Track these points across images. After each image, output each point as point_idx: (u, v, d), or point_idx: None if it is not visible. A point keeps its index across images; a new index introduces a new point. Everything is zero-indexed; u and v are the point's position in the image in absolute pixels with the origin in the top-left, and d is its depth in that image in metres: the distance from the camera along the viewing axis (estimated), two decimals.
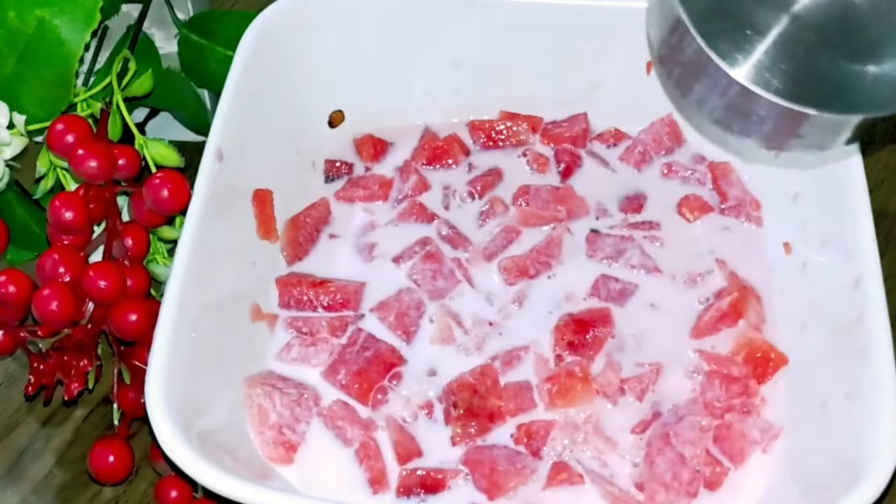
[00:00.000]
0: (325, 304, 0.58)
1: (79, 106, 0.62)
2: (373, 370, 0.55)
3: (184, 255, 0.52)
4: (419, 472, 0.52)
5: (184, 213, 0.55)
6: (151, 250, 0.60)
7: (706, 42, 0.50)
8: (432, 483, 0.52)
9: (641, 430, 0.54)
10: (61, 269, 0.56)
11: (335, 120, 0.65)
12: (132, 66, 0.63)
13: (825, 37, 0.52)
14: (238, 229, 0.58)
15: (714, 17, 0.51)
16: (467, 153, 0.64)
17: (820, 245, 0.56)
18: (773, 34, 0.51)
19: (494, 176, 0.63)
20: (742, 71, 0.50)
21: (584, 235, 0.60)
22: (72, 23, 0.60)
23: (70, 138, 0.58)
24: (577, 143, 0.64)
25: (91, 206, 0.58)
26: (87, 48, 0.61)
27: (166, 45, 0.68)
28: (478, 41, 0.63)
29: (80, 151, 0.57)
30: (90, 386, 0.57)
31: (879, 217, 0.55)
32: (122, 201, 0.60)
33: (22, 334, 0.57)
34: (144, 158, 0.60)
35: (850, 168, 0.55)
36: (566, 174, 0.63)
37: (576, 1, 0.62)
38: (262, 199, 0.59)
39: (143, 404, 0.49)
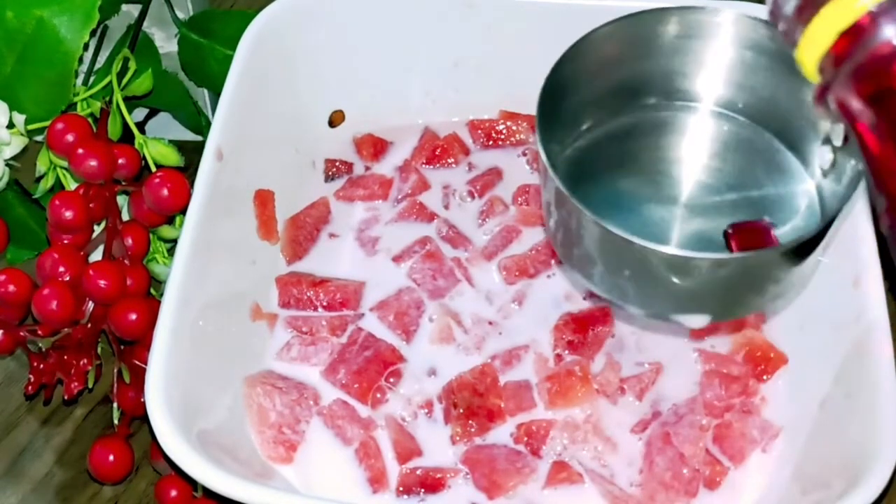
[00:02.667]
0: (325, 304, 0.58)
1: (79, 105, 0.62)
2: (373, 369, 0.55)
3: (184, 254, 0.52)
4: (419, 472, 0.52)
5: (184, 212, 0.55)
6: (151, 250, 0.60)
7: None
8: (432, 482, 0.52)
9: (641, 429, 0.54)
10: (61, 269, 0.56)
11: (335, 120, 0.65)
12: (132, 65, 0.63)
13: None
14: (238, 228, 0.58)
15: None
16: (467, 153, 0.64)
17: (819, 244, 0.56)
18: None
19: (494, 175, 0.63)
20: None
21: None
22: (70, 22, 0.60)
23: (70, 138, 0.58)
24: None
25: (91, 205, 0.58)
26: (86, 47, 0.61)
27: (166, 44, 0.67)
28: (478, 41, 0.63)
29: (80, 151, 0.57)
30: (90, 385, 0.57)
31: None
32: (122, 201, 0.60)
33: (22, 334, 0.57)
34: (144, 158, 0.61)
35: None
36: None
37: (576, 1, 0.61)
38: (264, 200, 0.59)
39: (143, 403, 0.49)
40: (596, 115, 0.52)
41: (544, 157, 0.46)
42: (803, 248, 0.45)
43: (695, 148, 0.52)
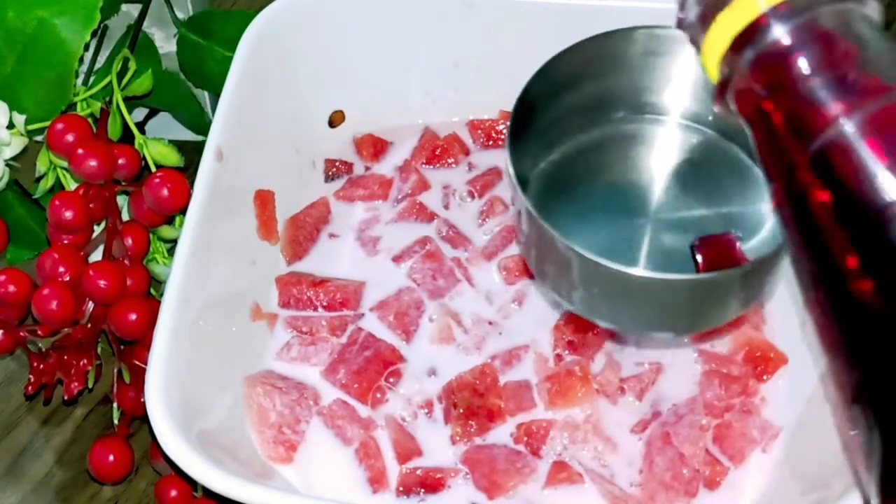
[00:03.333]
0: (325, 304, 0.58)
1: (79, 105, 0.62)
2: (372, 369, 0.55)
3: (184, 254, 0.52)
4: (419, 472, 0.52)
5: (184, 212, 0.55)
6: (151, 250, 0.60)
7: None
8: (432, 482, 0.52)
9: (641, 429, 0.54)
10: (61, 269, 0.56)
11: (335, 120, 0.65)
12: (132, 65, 0.63)
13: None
14: (238, 228, 0.58)
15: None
16: (467, 153, 0.64)
17: None
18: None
19: (494, 175, 0.63)
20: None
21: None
22: (71, 22, 0.60)
23: (70, 138, 0.58)
24: None
25: (91, 205, 0.58)
26: (86, 48, 0.61)
27: (166, 44, 0.68)
28: (478, 41, 0.63)
29: (80, 151, 0.57)
30: (90, 385, 0.57)
31: None
32: (122, 201, 0.60)
33: (22, 334, 0.57)
34: (144, 158, 0.61)
35: None
36: None
37: (576, 1, 0.61)
38: (264, 200, 0.59)
39: (143, 403, 0.49)
40: (568, 129, 0.53)
41: (513, 177, 0.47)
42: (767, 263, 0.46)
43: (664, 160, 0.53)
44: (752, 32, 0.37)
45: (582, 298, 0.48)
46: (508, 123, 0.48)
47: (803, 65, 0.37)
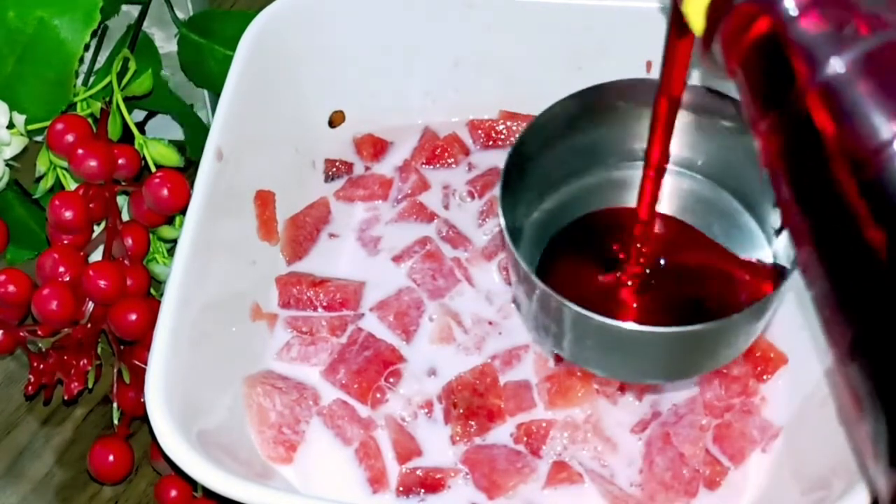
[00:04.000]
0: (325, 304, 0.58)
1: (79, 105, 0.62)
2: (372, 369, 0.55)
3: (184, 254, 0.52)
4: (419, 472, 0.52)
5: (184, 212, 0.55)
6: (151, 250, 0.60)
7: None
8: (432, 482, 0.52)
9: (641, 429, 0.54)
10: (61, 269, 0.56)
11: (335, 120, 0.65)
12: (132, 65, 0.63)
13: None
14: (238, 228, 0.58)
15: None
16: (467, 153, 0.64)
17: None
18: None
19: (494, 175, 0.63)
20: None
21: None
22: (71, 22, 0.60)
23: (70, 138, 0.58)
24: None
25: (91, 205, 0.58)
26: (86, 48, 0.61)
27: (166, 44, 0.68)
28: (478, 41, 0.63)
29: (80, 151, 0.57)
30: (90, 385, 0.57)
31: None
32: (122, 201, 0.60)
33: (22, 334, 0.57)
34: (144, 158, 0.61)
35: None
36: None
37: (576, 1, 0.61)
38: (265, 201, 0.59)
39: (143, 403, 0.49)
40: (560, 177, 0.53)
41: (506, 231, 0.48)
42: (756, 312, 0.46)
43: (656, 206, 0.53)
44: None
45: (576, 349, 0.48)
46: (500, 178, 0.49)
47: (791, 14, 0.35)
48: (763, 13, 0.36)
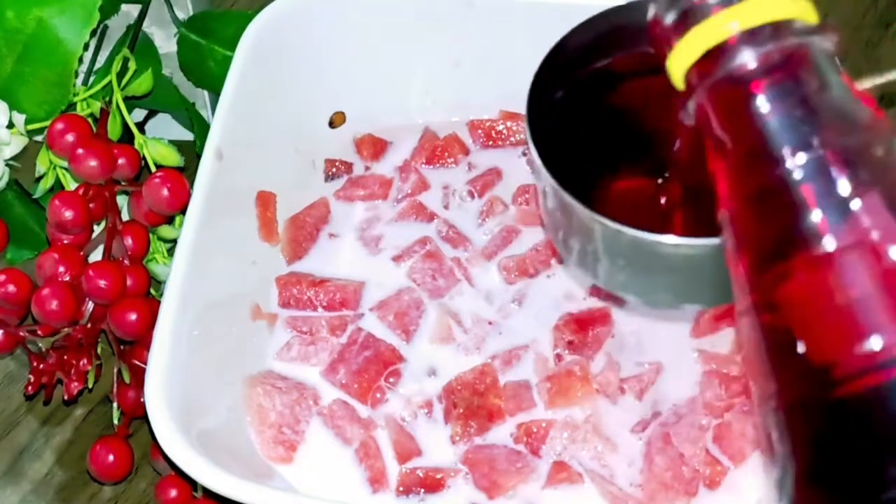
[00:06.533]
0: (325, 304, 0.58)
1: (78, 105, 0.62)
2: (372, 369, 0.55)
3: (184, 254, 0.52)
4: (419, 472, 0.52)
5: (184, 212, 0.55)
6: (151, 249, 0.60)
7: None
8: (432, 482, 0.52)
9: (641, 429, 0.54)
10: (61, 269, 0.56)
11: (336, 121, 0.65)
12: (132, 65, 0.63)
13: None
14: (238, 229, 0.58)
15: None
16: (467, 152, 0.64)
17: None
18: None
19: (494, 175, 0.63)
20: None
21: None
22: (71, 22, 0.60)
23: (70, 138, 0.58)
24: None
25: (91, 205, 0.58)
26: (86, 48, 0.61)
27: (166, 44, 0.67)
28: (478, 41, 0.63)
29: (80, 151, 0.57)
30: (90, 385, 0.57)
31: None
32: (122, 201, 0.60)
33: (22, 334, 0.57)
34: (144, 158, 0.61)
35: None
36: None
37: (576, 1, 0.61)
38: (266, 202, 0.59)
39: (143, 403, 0.49)
40: (583, 98, 0.51)
41: (535, 153, 0.47)
42: None
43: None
44: (724, 52, 0.38)
45: (611, 273, 0.46)
46: (526, 101, 0.48)
47: (763, 96, 0.37)
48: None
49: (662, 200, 0.49)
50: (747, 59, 0.37)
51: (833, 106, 0.37)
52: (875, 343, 0.33)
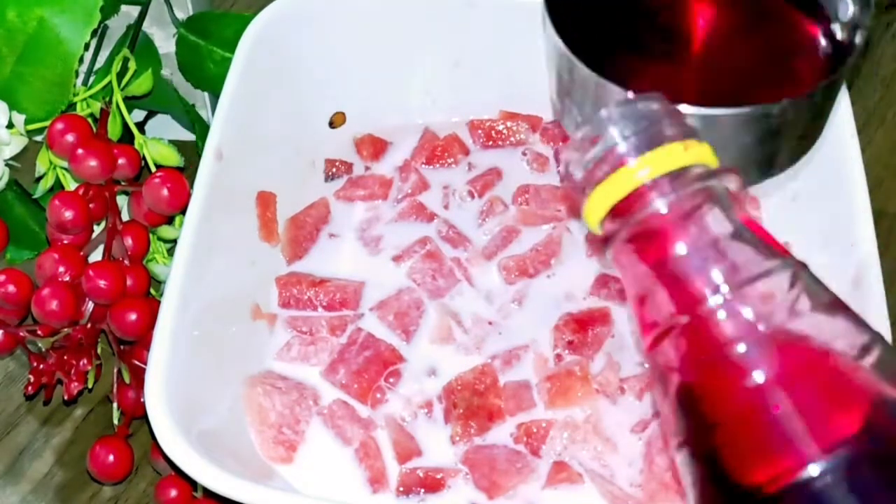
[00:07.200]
0: (325, 304, 0.58)
1: (78, 105, 0.62)
2: (372, 369, 0.55)
3: (184, 254, 0.52)
4: (419, 472, 0.52)
5: (184, 212, 0.55)
6: (151, 250, 0.60)
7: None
8: (432, 482, 0.52)
9: (641, 429, 0.54)
10: (61, 269, 0.56)
11: (336, 121, 0.65)
12: (132, 65, 0.63)
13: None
14: (238, 229, 0.58)
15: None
16: (467, 153, 0.64)
17: (820, 245, 0.56)
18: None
19: (494, 175, 0.63)
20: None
21: (584, 234, 0.60)
22: (71, 22, 0.60)
23: (70, 138, 0.58)
24: None
25: (91, 205, 0.58)
26: (86, 48, 0.61)
27: (166, 44, 0.68)
28: (478, 41, 0.63)
29: (80, 151, 0.57)
30: (90, 385, 0.57)
31: (879, 217, 0.55)
32: (122, 201, 0.60)
33: (22, 334, 0.57)
34: (144, 158, 0.61)
35: (849, 168, 0.55)
36: None
37: None
38: (266, 202, 0.59)
39: (143, 403, 0.49)
40: None
41: (547, 16, 0.47)
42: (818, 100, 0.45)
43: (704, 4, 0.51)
44: (633, 202, 0.41)
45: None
46: None
47: (673, 246, 0.40)
48: None
49: (675, 76, 0.49)
50: (659, 206, 0.40)
51: (737, 247, 0.40)
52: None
